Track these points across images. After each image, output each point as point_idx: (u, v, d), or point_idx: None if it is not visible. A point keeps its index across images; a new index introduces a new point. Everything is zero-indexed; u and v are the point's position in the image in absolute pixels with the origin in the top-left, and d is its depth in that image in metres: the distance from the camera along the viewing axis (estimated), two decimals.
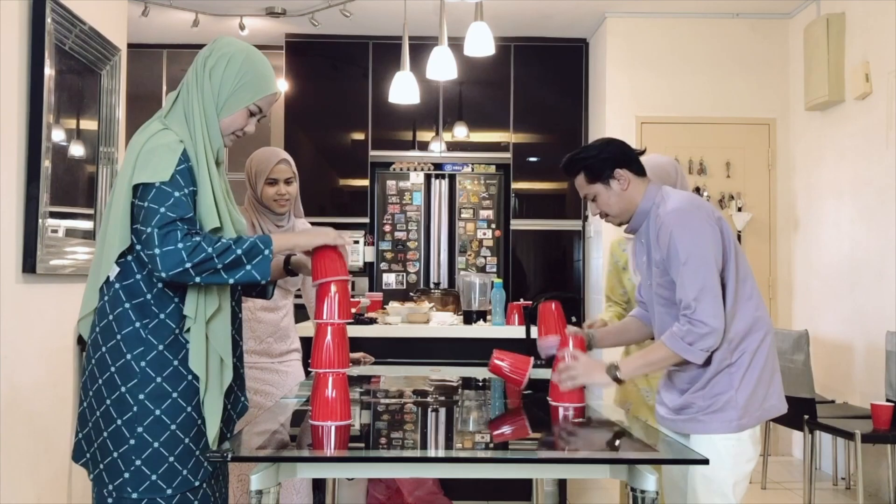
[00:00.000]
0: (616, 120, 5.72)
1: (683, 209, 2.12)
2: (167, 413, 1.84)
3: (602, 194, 2.25)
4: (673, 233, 2.09)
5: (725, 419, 2.11)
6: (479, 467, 1.94)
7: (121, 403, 1.83)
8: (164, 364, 1.85)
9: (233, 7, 5.58)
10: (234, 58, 1.98)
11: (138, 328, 1.85)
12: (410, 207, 6.17)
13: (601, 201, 2.26)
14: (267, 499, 1.67)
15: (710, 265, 2.07)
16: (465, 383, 3.07)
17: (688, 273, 2.06)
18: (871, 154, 4.58)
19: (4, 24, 2.81)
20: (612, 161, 2.24)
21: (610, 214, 2.27)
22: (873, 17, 4.60)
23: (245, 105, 1.99)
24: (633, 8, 5.64)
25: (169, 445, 1.84)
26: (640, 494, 1.69)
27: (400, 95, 4.55)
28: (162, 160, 1.83)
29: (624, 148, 2.28)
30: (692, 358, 2.07)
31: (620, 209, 2.24)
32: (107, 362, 1.85)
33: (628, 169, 2.23)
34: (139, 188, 1.82)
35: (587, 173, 2.28)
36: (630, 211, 2.24)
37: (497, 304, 3.91)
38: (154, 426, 1.82)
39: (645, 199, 2.21)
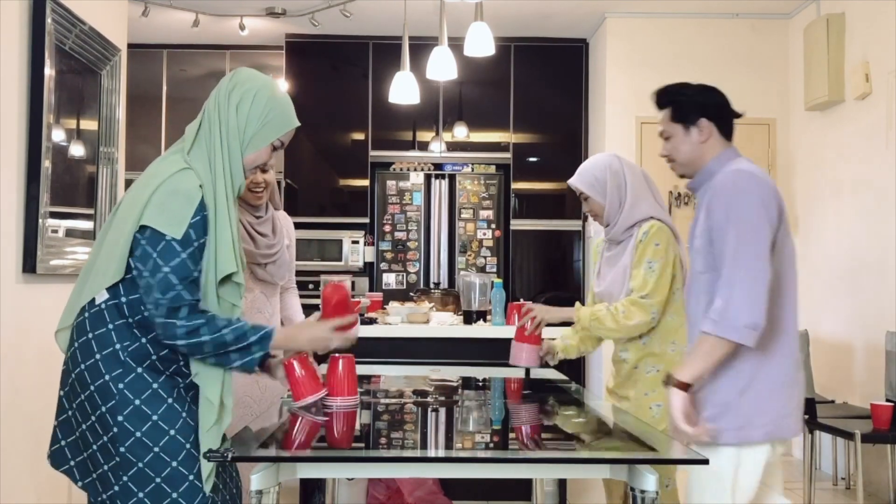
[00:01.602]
0: (616, 120, 5.72)
1: (747, 175, 2.00)
2: (148, 436, 1.81)
3: (678, 137, 2.17)
4: (725, 199, 1.97)
5: (725, 426, 1.97)
6: (479, 467, 1.94)
7: (102, 422, 1.82)
8: (142, 387, 1.83)
9: (233, 7, 5.58)
10: (260, 94, 1.94)
11: (118, 350, 1.84)
12: (410, 207, 6.17)
13: (673, 143, 2.18)
14: (267, 499, 1.67)
15: (756, 241, 1.93)
16: (465, 383, 3.07)
17: (731, 248, 1.93)
18: (871, 154, 4.58)
19: (4, 24, 2.81)
20: (702, 108, 2.14)
21: (675, 161, 2.19)
22: (873, 17, 4.60)
23: (271, 141, 1.97)
24: (633, 8, 5.64)
25: (154, 467, 1.82)
26: (640, 494, 1.69)
27: (400, 95, 4.55)
28: (179, 211, 1.79)
29: (721, 101, 2.17)
30: (735, 336, 1.88)
31: (688, 158, 2.16)
32: (86, 380, 1.84)
33: (716, 124, 2.13)
34: (147, 229, 1.80)
35: (674, 110, 2.18)
36: (696, 165, 2.15)
37: (497, 304, 3.90)
38: (136, 447, 1.81)
39: (717, 160, 2.11)
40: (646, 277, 2.51)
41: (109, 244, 1.87)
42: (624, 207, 2.64)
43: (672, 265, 2.55)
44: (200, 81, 6.40)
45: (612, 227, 2.66)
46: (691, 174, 2.18)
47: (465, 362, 3.58)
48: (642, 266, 2.53)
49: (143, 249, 1.80)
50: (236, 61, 6.42)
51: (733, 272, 1.91)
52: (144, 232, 1.80)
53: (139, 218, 1.80)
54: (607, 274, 2.69)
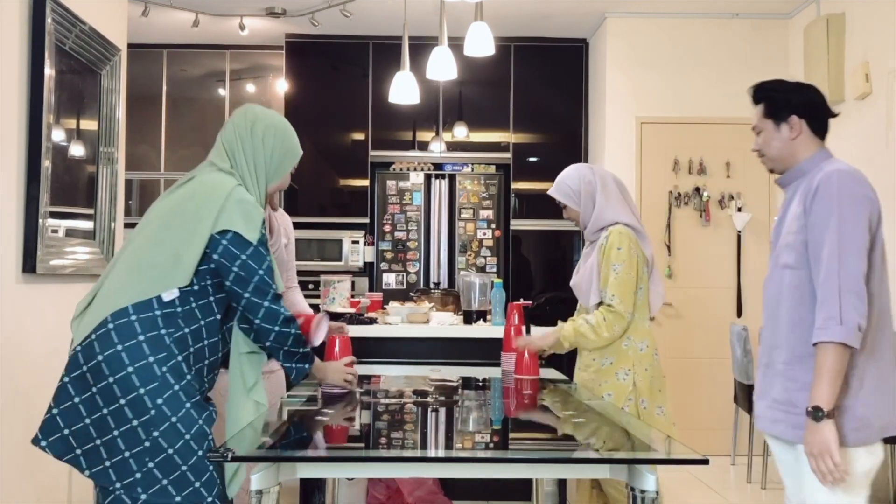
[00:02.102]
0: (616, 120, 5.72)
1: (849, 175, 2.03)
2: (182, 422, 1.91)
3: (768, 132, 2.20)
4: (827, 199, 1.98)
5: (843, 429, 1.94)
6: (479, 467, 1.94)
7: (134, 406, 1.88)
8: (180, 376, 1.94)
9: (233, 7, 5.58)
10: (278, 127, 2.20)
11: (152, 363, 1.91)
12: (410, 207, 6.17)
13: (764, 138, 2.21)
14: (267, 499, 1.67)
15: (858, 243, 1.94)
16: (465, 383, 3.07)
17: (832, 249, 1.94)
18: (871, 154, 4.58)
19: (4, 24, 2.81)
20: (794, 106, 2.17)
21: (765, 155, 2.22)
22: (873, 17, 4.60)
23: (290, 169, 2.27)
24: (633, 8, 5.64)
25: (183, 455, 1.89)
26: (640, 494, 1.69)
27: (400, 95, 4.55)
28: (255, 218, 2.01)
29: (815, 100, 2.20)
30: (850, 339, 1.88)
31: (778, 155, 2.19)
32: (121, 363, 1.90)
33: (807, 122, 2.16)
34: (228, 232, 1.97)
35: (766, 106, 2.22)
36: (787, 162, 2.18)
37: (497, 304, 3.90)
38: (170, 433, 1.89)
39: (810, 160, 2.14)
40: (613, 282, 2.78)
41: (173, 243, 1.98)
42: (595, 212, 2.91)
43: (636, 266, 2.82)
44: (200, 81, 6.41)
45: (587, 230, 2.96)
46: (781, 170, 2.21)
47: (465, 362, 3.58)
48: (610, 270, 2.80)
49: (226, 250, 1.98)
50: (236, 61, 6.43)
51: (838, 276, 1.92)
52: (226, 235, 1.98)
53: (215, 224, 1.97)
54: (581, 269, 2.98)
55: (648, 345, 2.84)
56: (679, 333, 5.54)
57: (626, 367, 2.81)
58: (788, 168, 2.18)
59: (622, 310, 2.76)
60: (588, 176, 2.94)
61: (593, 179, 2.93)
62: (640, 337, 2.84)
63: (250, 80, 6.50)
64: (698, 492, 4.62)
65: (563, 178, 2.98)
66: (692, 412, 5.41)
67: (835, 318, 1.90)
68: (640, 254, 2.85)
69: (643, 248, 2.88)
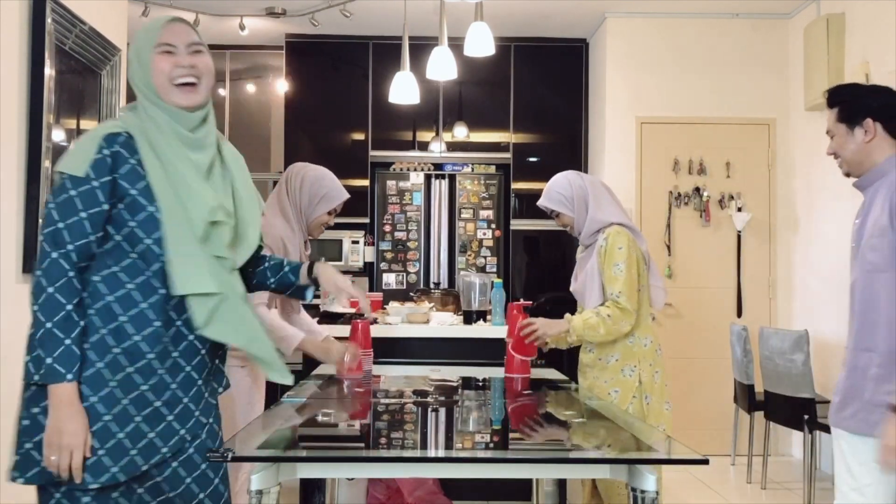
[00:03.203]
0: (616, 120, 5.72)
1: None
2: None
3: (842, 136, 2.22)
4: None
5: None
6: (479, 467, 1.94)
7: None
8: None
9: (233, 7, 5.58)
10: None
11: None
12: (410, 207, 6.17)
13: (838, 142, 2.24)
14: (267, 499, 1.67)
15: None
16: (465, 383, 3.07)
17: None
18: None
19: (4, 24, 2.81)
20: (868, 110, 2.17)
21: (840, 157, 2.24)
22: (873, 17, 4.60)
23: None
24: (633, 8, 5.64)
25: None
26: (640, 494, 1.69)
27: (400, 95, 4.55)
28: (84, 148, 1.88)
29: (891, 102, 2.20)
30: None
31: (852, 158, 2.21)
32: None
33: (883, 125, 2.16)
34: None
35: (840, 110, 2.22)
36: (862, 164, 2.20)
37: (497, 304, 3.90)
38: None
39: (888, 161, 2.15)
40: (619, 280, 2.80)
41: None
42: (588, 215, 2.93)
43: (636, 264, 2.85)
44: None
45: (582, 234, 2.98)
46: (857, 173, 2.23)
47: (465, 362, 3.58)
48: (612, 269, 2.82)
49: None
50: (236, 61, 6.43)
51: None
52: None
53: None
54: (579, 274, 2.99)
55: (652, 341, 2.88)
56: (679, 333, 5.54)
57: (632, 364, 2.83)
58: (864, 171, 2.20)
59: (630, 307, 2.78)
60: (577, 181, 2.97)
61: (583, 184, 2.97)
62: (643, 333, 2.87)
63: (250, 80, 6.50)
64: (698, 492, 4.62)
65: (552, 187, 3.00)
66: (692, 412, 5.41)
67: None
68: (638, 252, 2.89)
69: (640, 245, 2.93)
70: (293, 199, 2.94)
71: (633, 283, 2.81)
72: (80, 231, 1.74)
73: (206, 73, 1.90)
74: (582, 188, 2.95)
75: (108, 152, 1.77)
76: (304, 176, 2.96)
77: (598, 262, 2.87)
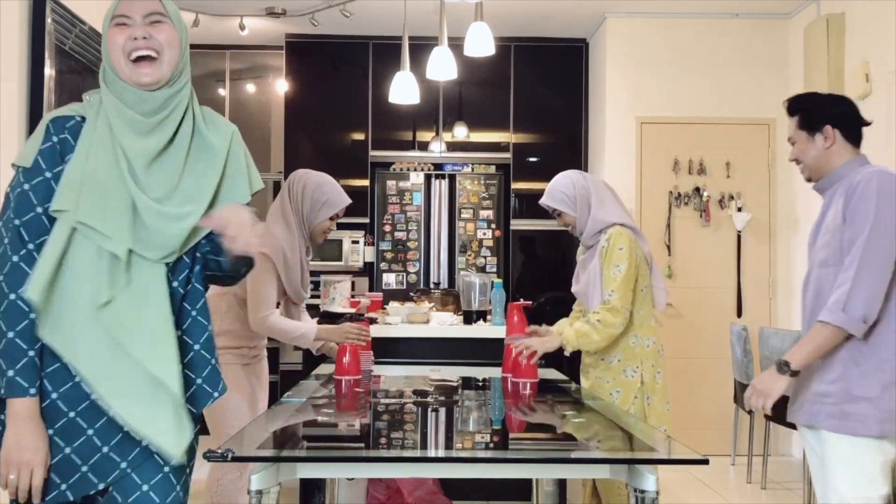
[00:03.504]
0: (616, 120, 5.72)
1: (888, 175, 2.15)
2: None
3: (803, 142, 2.33)
4: (867, 196, 2.10)
5: (869, 418, 2.07)
6: (479, 467, 1.94)
7: None
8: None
9: (233, 7, 5.58)
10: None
11: None
12: (410, 207, 6.17)
13: (799, 148, 2.35)
14: (267, 499, 1.67)
15: (888, 240, 2.06)
16: (465, 383, 3.07)
17: (861, 242, 2.07)
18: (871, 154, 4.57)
19: (4, 24, 2.81)
20: (827, 117, 2.28)
21: (802, 163, 2.34)
22: (873, 17, 4.60)
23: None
24: (633, 8, 5.64)
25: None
26: (640, 494, 1.69)
27: (400, 95, 4.55)
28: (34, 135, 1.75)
29: (848, 111, 2.32)
30: (851, 327, 2.04)
31: (813, 164, 2.32)
32: None
33: (841, 131, 2.27)
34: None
35: (802, 118, 2.34)
36: (822, 169, 2.30)
37: (497, 304, 3.90)
38: None
39: (847, 165, 2.26)
40: (615, 280, 2.80)
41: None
42: (591, 215, 2.93)
43: (635, 265, 2.84)
44: (200, 81, 6.40)
45: (584, 234, 2.97)
46: (818, 178, 2.33)
47: (465, 362, 3.58)
48: (612, 270, 2.82)
49: None
50: (236, 61, 6.43)
51: (860, 268, 2.05)
52: None
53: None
54: (582, 276, 2.98)
55: (655, 341, 2.88)
56: (679, 333, 5.54)
57: (635, 365, 2.83)
58: (825, 175, 2.30)
59: (619, 305, 2.77)
60: (580, 181, 2.97)
61: (586, 184, 2.97)
62: (646, 334, 2.88)
63: (250, 80, 6.50)
64: (698, 492, 4.62)
65: (555, 186, 3.00)
66: (692, 412, 5.41)
67: (840, 304, 2.04)
68: (640, 253, 2.89)
69: (642, 246, 2.92)
70: (295, 206, 2.98)
71: (629, 284, 2.81)
72: (39, 228, 1.59)
73: (168, 45, 1.68)
74: (585, 188, 2.95)
75: (56, 139, 1.64)
76: (306, 182, 3.01)
77: (599, 263, 2.87)
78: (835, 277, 2.12)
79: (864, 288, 2.03)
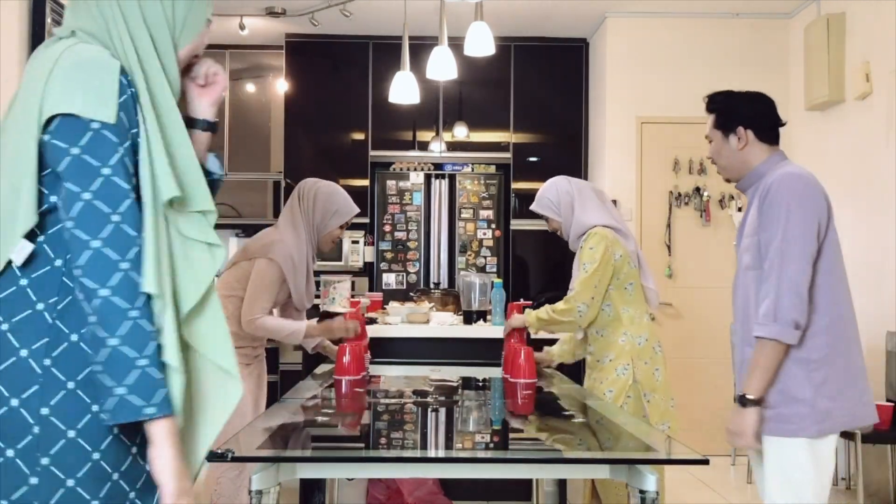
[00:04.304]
0: (616, 120, 5.72)
1: (798, 178, 2.13)
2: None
3: (718, 142, 2.33)
4: (775, 200, 2.10)
5: (805, 420, 2.08)
6: (479, 467, 1.94)
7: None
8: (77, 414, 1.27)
9: (233, 7, 5.58)
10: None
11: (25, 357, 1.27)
12: (410, 207, 6.17)
13: (714, 148, 2.34)
14: (267, 499, 1.67)
15: (803, 243, 2.06)
16: (465, 383, 3.07)
17: (776, 247, 2.06)
18: (871, 154, 4.58)
19: (4, 23, 2.82)
20: (741, 118, 2.27)
21: (717, 164, 2.34)
22: (873, 17, 4.60)
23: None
24: (633, 8, 5.64)
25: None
26: (640, 494, 1.69)
27: (400, 95, 4.55)
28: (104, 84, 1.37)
29: (762, 110, 2.30)
30: (786, 337, 2.02)
31: (727, 164, 2.31)
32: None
33: (755, 132, 2.26)
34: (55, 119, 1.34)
35: (716, 118, 2.34)
36: (738, 170, 2.29)
37: (497, 304, 3.90)
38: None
39: (765, 163, 2.24)
40: (578, 278, 2.88)
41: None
42: (574, 219, 3.02)
43: (606, 264, 2.86)
44: None
45: (569, 238, 3.07)
46: (735, 177, 2.32)
47: (465, 362, 3.58)
48: (581, 269, 2.90)
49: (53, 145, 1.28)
50: (236, 61, 6.42)
51: (779, 276, 2.04)
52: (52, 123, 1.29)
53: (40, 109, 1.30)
54: (573, 276, 3.06)
55: (647, 339, 2.88)
56: (679, 333, 5.54)
57: (625, 363, 2.83)
58: (742, 175, 2.29)
59: (574, 298, 2.85)
60: (565, 187, 3.07)
61: (570, 189, 3.06)
62: (637, 331, 2.88)
63: (250, 80, 6.49)
64: (698, 492, 4.62)
65: (542, 193, 3.13)
66: (692, 412, 5.41)
67: (771, 315, 2.03)
68: (622, 253, 2.91)
69: (626, 245, 2.95)
70: (306, 215, 3.07)
71: (592, 283, 2.85)
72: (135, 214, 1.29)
73: None
74: (569, 193, 3.04)
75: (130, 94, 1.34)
76: (317, 192, 3.10)
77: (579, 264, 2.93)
78: (757, 281, 2.12)
79: (787, 295, 2.02)
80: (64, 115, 1.27)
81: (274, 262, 2.92)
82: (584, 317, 2.85)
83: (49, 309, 1.29)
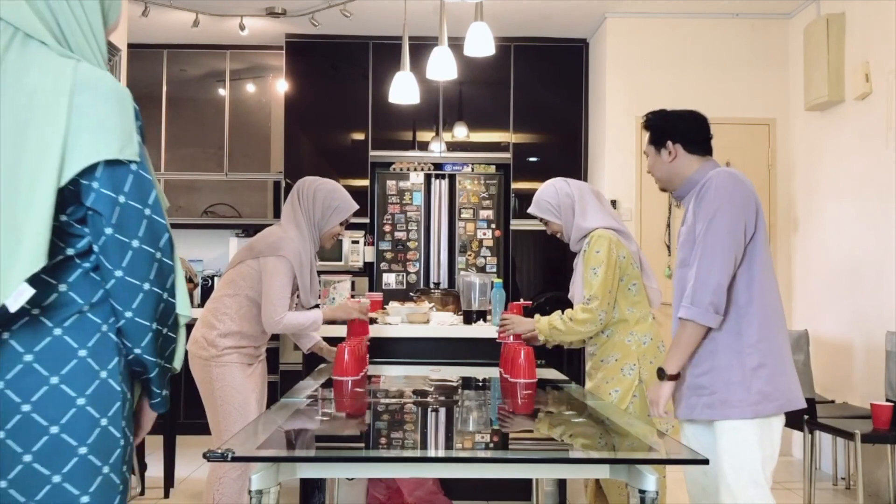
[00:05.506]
0: (616, 120, 5.72)
1: (728, 175, 2.31)
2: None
3: (652, 156, 2.50)
4: (707, 194, 2.27)
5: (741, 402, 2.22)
6: (479, 467, 1.94)
7: None
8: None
9: (233, 7, 5.58)
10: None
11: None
12: (410, 207, 6.17)
13: (650, 162, 2.52)
14: (267, 499, 1.67)
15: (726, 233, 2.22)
16: (465, 383, 3.07)
17: (701, 237, 2.23)
18: (871, 154, 4.58)
19: None
20: (669, 133, 2.45)
21: (653, 176, 2.52)
22: (873, 17, 4.60)
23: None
24: (633, 8, 5.64)
25: None
26: (640, 494, 1.69)
27: (400, 95, 4.55)
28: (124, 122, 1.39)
29: (690, 127, 2.48)
30: (703, 319, 2.19)
31: (661, 176, 2.49)
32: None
33: (683, 146, 2.43)
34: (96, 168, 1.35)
35: (651, 135, 2.51)
36: (672, 181, 2.47)
37: (497, 304, 3.90)
38: None
39: (697, 172, 2.41)
40: (591, 283, 2.84)
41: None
42: (574, 222, 3.00)
43: (614, 266, 2.86)
44: (200, 81, 6.41)
45: (570, 241, 3.05)
46: (670, 188, 2.51)
47: (465, 362, 3.58)
48: (588, 273, 2.87)
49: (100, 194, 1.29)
50: (236, 61, 6.43)
51: (701, 261, 2.22)
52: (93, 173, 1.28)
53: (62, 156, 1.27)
54: (575, 280, 3.04)
55: (652, 338, 2.89)
56: None
57: (632, 363, 2.83)
58: (676, 186, 2.47)
59: (596, 310, 2.81)
60: (565, 189, 3.05)
61: (570, 191, 3.04)
62: (642, 331, 2.89)
63: (250, 80, 6.50)
64: None
65: (540, 196, 3.10)
66: None
67: (689, 298, 2.21)
68: (626, 253, 2.91)
69: (628, 246, 2.95)
70: (307, 213, 3.10)
71: (607, 286, 2.83)
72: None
73: None
74: (569, 195, 3.02)
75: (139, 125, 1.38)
76: (317, 189, 3.13)
77: (582, 267, 2.92)
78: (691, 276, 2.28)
79: (706, 280, 2.18)
80: (108, 161, 1.28)
81: (285, 258, 2.95)
82: (603, 323, 2.84)
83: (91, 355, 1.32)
